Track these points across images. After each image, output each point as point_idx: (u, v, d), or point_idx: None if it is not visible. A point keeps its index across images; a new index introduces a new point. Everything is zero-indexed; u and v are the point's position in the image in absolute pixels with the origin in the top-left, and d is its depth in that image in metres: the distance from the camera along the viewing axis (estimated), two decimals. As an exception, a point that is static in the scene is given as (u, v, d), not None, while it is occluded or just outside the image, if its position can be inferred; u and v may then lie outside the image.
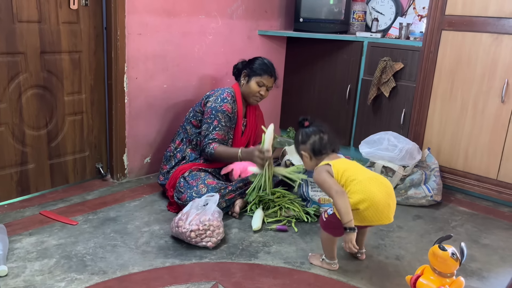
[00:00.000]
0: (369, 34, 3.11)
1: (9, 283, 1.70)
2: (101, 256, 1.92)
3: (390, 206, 1.76)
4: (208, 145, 2.41)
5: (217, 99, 2.46)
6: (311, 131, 1.93)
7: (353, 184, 1.76)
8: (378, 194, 1.73)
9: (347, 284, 1.82)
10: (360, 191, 1.73)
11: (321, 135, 1.91)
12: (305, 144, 1.92)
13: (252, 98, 2.57)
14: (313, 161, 1.92)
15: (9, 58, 2.22)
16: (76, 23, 2.44)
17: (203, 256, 1.96)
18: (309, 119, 1.96)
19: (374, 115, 3.12)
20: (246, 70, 2.57)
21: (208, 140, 2.41)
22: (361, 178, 1.77)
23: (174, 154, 2.54)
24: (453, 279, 1.54)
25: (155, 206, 2.45)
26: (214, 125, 2.42)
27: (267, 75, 2.54)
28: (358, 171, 1.82)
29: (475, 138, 2.70)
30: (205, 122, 2.45)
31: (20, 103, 2.30)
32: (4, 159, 2.30)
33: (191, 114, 2.57)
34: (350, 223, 1.70)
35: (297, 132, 1.99)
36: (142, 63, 2.67)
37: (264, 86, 2.55)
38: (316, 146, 1.90)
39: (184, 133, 2.56)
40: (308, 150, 1.91)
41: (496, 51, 2.56)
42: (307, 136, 1.92)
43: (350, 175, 1.78)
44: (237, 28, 3.20)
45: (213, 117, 2.43)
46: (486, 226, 2.42)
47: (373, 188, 1.74)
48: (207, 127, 2.44)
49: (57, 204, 2.39)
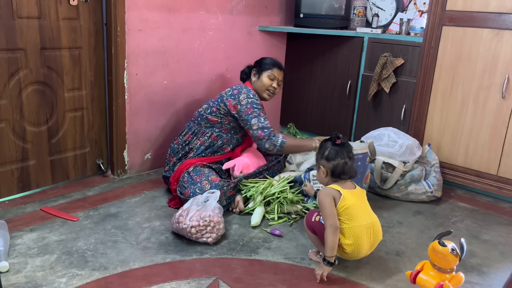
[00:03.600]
0: (370, 30, 3.10)
1: (11, 279, 1.70)
2: (102, 252, 1.93)
3: (366, 255, 1.87)
4: (274, 134, 2.39)
5: (249, 95, 2.47)
6: (339, 152, 1.87)
7: (350, 227, 1.78)
8: (365, 247, 1.81)
9: (347, 280, 1.82)
10: (353, 237, 1.78)
11: (347, 160, 1.87)
12: (328, 161, 1.87)
13: (265, 92, 2.59)
14: (327, 179, 1.90)
15: (9, 54, 2.21)
16: (76, 19, 2.44)
17: (203, 252, 1.97)
18: (342, 138, 1.91)
19: (375, 111, 3.11)
20: (256, 68, 2.62)
21: (269, 130, 2.39)
22: (359, 224, 1.78)
23: (182, 147, 2.53)
24: (453, 274, 1.54)
25: (155, 202, 2.45)
26: (262, 116, 2.43)
27: (276, 68, 2.59)
28: (361, 214, 1.80)
29: (475, 134, 2.70)
30: (252, 117, 2.41)
31: (20, 100, 2.30)
32: (4, 155, 2.30)
33: (207, 110, 2.53)
34: (331, 258, 1.76)
35: (324, 145, 1.92)
36: (142, 59, 2.67)
37: (275, 79, 2.58)
38: (338, 169, 1.86)
39: (197, 127, 2.53)
40: (328, 169, 1.88)
41: (497, 47, 2.55)
42: (333, 155, 1.87)
43: (352, 214, 1.78)
44: (237, 24, 3.19)
45: (257, 110, 2.43)
46: (486, 221, 2.42)
47: (364, 239, 1.80)
48: (257, 121, 2.40)
49: (58, 200, 2.39)
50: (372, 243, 1.84)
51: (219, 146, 2.51)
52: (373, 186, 2.68)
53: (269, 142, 2.39)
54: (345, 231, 1.78)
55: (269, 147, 2.40)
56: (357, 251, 1.80)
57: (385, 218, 2.40)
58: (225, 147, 2.53)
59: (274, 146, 2.39)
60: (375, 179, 2.64)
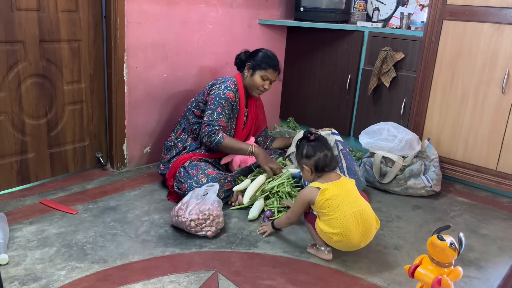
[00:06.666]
0: (370, 24, 3.09)
1: (10, 271, 1.71)
2: (101, 245, 1.93)
3: (361, 246, 1.87)
4: (216, 132, 2.37)
5: (220, 87, 2.45)
6: (317, 147, 1.90)
7: (334, 217, 1.79)
8: (355, 235, 1.81)
9: (345, 274, 1.83)
10: (339, 226, 1.80)
11: (326, 152, 1.89)
12: (309, 159, 1.90)
13: (255, 91, 2.55)
14: (313, 175, 1.92)
15: (7, 46, 2.20)
16: (75, 11, 2.43)
17: (202, 245, 1.97)
18: (314, 133, 1.94)
19: (374, 105, 3.11)
20: (250, 62, 2.53)
21: (214, 127, 2.37)
22: (344, 214, 1.79)
23: (175, 144, 2.54)
24: (451, 268, 1.54)
25: (155, 196, 2.45)
26: (218, 112, 2.40)
27: (271, 69, 2.51)
28: (345, 203, 1.81)
29: (475, 129, 2.70)
30: (209, 109, 2.42)
31: (19, 92, 2.30)
32: (4, 148, 2.30)
33: (193, 104, 2.55)
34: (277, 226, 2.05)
35: (301, 145, 1.95)
36: (141, 52, 2.66)
37: (268, 80, 2.53)
38: (320, 163, 1.88)
39: (186, 123, 2.55)
40: (311, 166, 1.90)
41: (497, 42, 2.54)
42: (312, 152, 1.89)
43: (334, 205, 1.80)
44: (237, 17, 3.18)
45: (217, 104, 2.41)
46: (484, 216, 2.43)
47: (352, 227, 1.80)
48: (210, 113, 2.40)
49: (57, 193, 2.39)
50: (363, 231, 1.83)
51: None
52: (372, 180, 2.68)
53: (206, 138, 2.39)
54: (330, 222, 1.80)
55: (205, 142, 2.41)
56: (347, 240, 1.81)
57: (384, 212, 2.40)
58: None
59: (211, 142, 2.39)
60: (374, 174, 2.64)
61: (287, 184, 2.38)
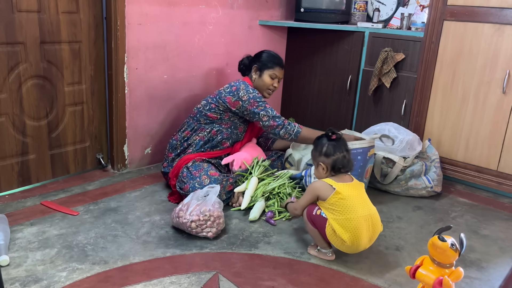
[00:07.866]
0: (371, 25, 3.09)
1: (11, 273, 1.71)
2: (102, 246, 1.93)
3: (366, 247, 1.87)
4: (290, 123, 2.40)
5: (248, 90, 2.44)
6: (337, 147, 1.90)
7: (347, 218, 1.79)
8: (364, 238, 1.82)
9: (346, 274, 1.83)
10: (349, 229, 1.80)
11: (345, 153, 1.90)
12: (327, 157, 1.90)
13: (266, 91, 2.58)
14: (326, 174, 1.92)
15: (8, 48, 2.21)
16: (75, 12, 2.43)
17: (203, 246, 1.97)
18: (336, 133, 1.94)
19: (375, 106, 3.11)
20: (256, 64, 2.57)
21: (281, 118, 2.41)
22: (356, 215, 1.79)
23: (181, 143, 2.52)
24: (452, 269, 1.54)
25: (155, 197, 2.45)
26: (269, 108, 2.43)
27: (278, 67, 2.56)
28: (358, 205, 1.82)
29: (475, 129, 2.69)
30: (259, 110, 2.41)
31: (20, 94, 2.30)
32: (4, 149, 2.30)
33: (206, 107, 2.50)
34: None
35: (320, 142, 1.95)
36: (142, 54, 2.66)
37: (276, 78, 2.57)
38: (338, 163, 1.88)
39: (196, 124, 2.51)
40: (328, 164, 1.90)
41: (498, 42, 2.54)
42: (332, 151, 1.89)
43: (348, 206, 1.80)
44: (237, 18, 3.18)
45: (262, 103, 2.43)
46: (485, 217, 2.43)
47: (363, 230, 1.80)
48: (265, 113, 2.41)
49: (58, 195, 2.39)
50: (371, 235, 1.85)
51: (218, 141, 2.50)
52: (373, 181, 2.68)
53: (283, 131, 2.41)
54: (343, 222, 1.79)
55: (283, 135, 2.42)
56: (357, 243, 1.81)
57: (385, 213, 2.40)
58: (224, 142, 2.53)
59: (289, 134, 2.41)
60: (375, 174, 2.64)
61: (288, 185, 2.39)
